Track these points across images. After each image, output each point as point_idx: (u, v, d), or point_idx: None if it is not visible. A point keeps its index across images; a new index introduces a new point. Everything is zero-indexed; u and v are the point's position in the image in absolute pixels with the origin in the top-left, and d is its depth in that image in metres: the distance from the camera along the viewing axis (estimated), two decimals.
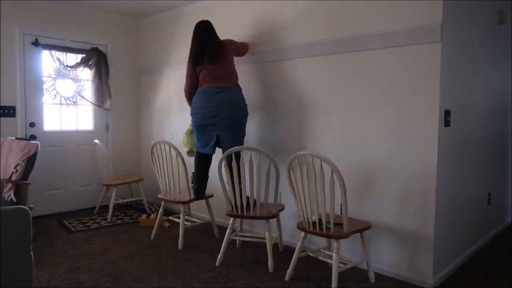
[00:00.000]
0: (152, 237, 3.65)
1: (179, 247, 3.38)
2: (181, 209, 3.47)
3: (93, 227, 4.02)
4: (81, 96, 4.69)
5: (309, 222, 2.61)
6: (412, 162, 2.69)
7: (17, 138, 3.77)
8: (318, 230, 2.54)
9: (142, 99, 5.19)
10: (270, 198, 3.17)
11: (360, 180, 2.96)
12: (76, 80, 4.62)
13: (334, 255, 2.48)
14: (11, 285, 1.79)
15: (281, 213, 3.21)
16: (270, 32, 3.54)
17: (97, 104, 4.73)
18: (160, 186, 3.60)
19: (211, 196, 3.66)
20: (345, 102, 3.03)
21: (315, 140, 3.24)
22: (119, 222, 4.21)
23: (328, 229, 2.53)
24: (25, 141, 3.60)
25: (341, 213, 2.86)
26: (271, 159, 2.84)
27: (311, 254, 2.92)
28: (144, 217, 4.13)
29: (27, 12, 4.25)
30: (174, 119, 4.65)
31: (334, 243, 2.49)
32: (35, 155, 3.52)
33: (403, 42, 2.68)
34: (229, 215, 3.01)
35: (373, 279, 2.73)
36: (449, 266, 2.88)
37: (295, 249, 2.74)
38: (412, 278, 2.72)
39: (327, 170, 2.44)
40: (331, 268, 2.55)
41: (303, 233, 2.69)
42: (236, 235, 3.36)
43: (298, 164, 2.52)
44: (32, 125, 4.32)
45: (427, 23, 2.58)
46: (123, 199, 4.73)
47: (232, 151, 2.88)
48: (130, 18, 5.12)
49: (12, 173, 3.44)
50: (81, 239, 3.62)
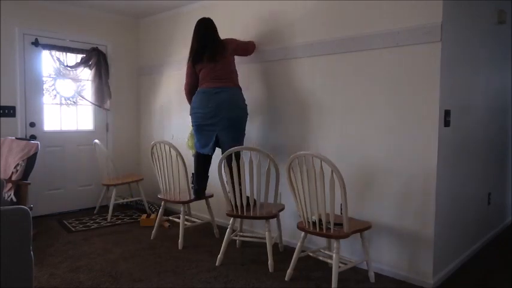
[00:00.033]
0: (152, 237, 3.65)
1: (179, 247, 3.38)
2: (181, 209, 3.47)
3: (93, 227, 4.02)
4: (81, 96, 4.69)
5: (309, 222, 2.61)
6: (412, 162, 2.69)
7: (17, 138, 3.78)
8: (318, 230, 2.54)
9: (142, 99, 5.20)
10: (270, 198, 3.17)
11: (360, 180, 2.96)
12: (76, 80, 4.62)
13: (334, 255, 2.48)
14: (11, 285, 1.79)
15: (281, 213, 3.21)
16: (270, 32, 3.54)
17: (97, 104, 4.74)
18: (160, 186, 3.60)
19: (211, 196, 3.66)
20: (345, 102, 3.04)
21: (315, 140, 3.24)
22: (119, 222, 4.22)
23: (328, 229, 2.53)
24: (25, 141, 3.60)
25: (341, 213, 2.86)
26: (271, 159, 2.84)
27: (311, 254, 2.92)
28: (144, 217, 4.13)
29: (27, 12, 4.25)
30: (174, 119, 4.65)
31: (334, 243, 2.49)
32: (35, 155, 3.52)
33: (403, 42, 2.68)
34: (229, 215, 3.01)
35: (373, 279, 2.73)
36: (449, 266, 2.88)
37: (295, 249, 2.74)
38: (412, 278, 2.72)
39: (327, 170, 2.44)
40: (331, 268, 2.55)
41: (303, 233, 2.69)
42: (236, 235, 3.36)
43: (298, 164, 2.52)
44: (32, 125, 4.32)
45: (427, 23, 2.58)
46: (123, 199, 4.73)
47: (232, 151, 2.88)
48: (130, 18, 5.12)
49: (12, 173, 3.44)
50: (81, 239, 3.62)
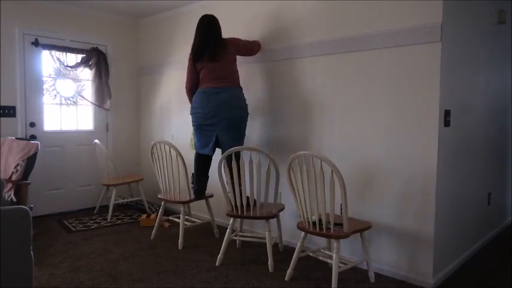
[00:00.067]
0: (152, 237, 3.65)
1: (179, 247, 3.38)
2: (181, 209, 3.47)
3: (93, 227, 4.02)
4: (81, 96, 4.69)
5: (309, 222, 2.61)
6: (412, 162, 2.69)
7: (17, 138, 3.78)
8: (318, 230, 2.54)
9: (142, 99, 5.20)
10: (270, 198, 3.17)
11: (360, 180, 2.96)
12: (76, 80, 4.62)
13: (334, 255, 2.48)
14: (11, 285, 1.79)
15: (281, 213, 3.21)
16: (270, 32, 3.54)
17: (97, 104, 4.74)
18: (160, 186, 3.60)
19: (211, 196, 3.66)
20: (344, 102, 3.04)
21: (315, 140, 3.23)
22: (119, 222, 4.21)
23: (328, 229, 2.53)
24: (25, 141, 3.60)
25: (341, 213, 2.86)
26: (271, 159, 2.84)
27: (311, 254, 2.92)
28: (144, 217, 4.13)
29: (27, 12, 4.25)
30: (174, 119, 4.65)
31: (334, 243, 2.49)
32: (35, 155, 3.52)
33: (403, 42, 2.68)
34: (229, 215, 3.01)
35: (373, 279, 2.73)
36: (449, 266, 2.88)
37: (295, 249, 2.74)
38: (412, 278, 2.72)
39: (327, 170, 2.44)
40: (331, 268, 2.55)
41: (303, 233, 2.69)
42: (236, 235, 3.36)
43: (298, 164, 2.52)
44: (32, 125, 4.32)
45: (427, 23, 2.58)
46: (123, 199, 4.73)
47: (232, 151, 2.88)
48: (130, 18, 5.12)
49: (12, 173, 3.44)
50: (81, 239, 3.62)
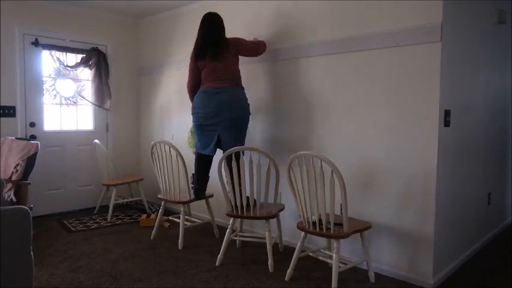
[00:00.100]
0: (152, 237, 3.65)
1: (179, 247, 3.38)
2: (181, 209, 3.47)
3: (93, 227, 4.02)
4: (81, 96, 4.69)
5: (309, 222, 2.61)
6: (412, 162, 2.69)
7: (17, 138, 3.77)
8: (318, 230, 2.54)
9: (142, 99, 5.19)
10: (270, 198, 3.17)
11: (360, 180, 2.95)
12: (76, 80, 4.62)
13: (334, 255, 2.48)
14: (11, 285, 1.79)
15: (281, 213, 3.21)
16: (271, 33, 3.54)
17: (97, 104, 4.74)
18: (160, 186, 3.60)
19: (211, 196, 3.66)
20: (345, 102, 3.03)
21: (316, 140, 3.24)
22: (119, 222, 4.21)
23: (328, 229, 2.53)
24: (25, 141, 3.60)
25: (341, 213, 2.86)
26: (271, 159, 2.84)
27: (311, 254, 2.92)
28: (144, 217, 4.13)
29: (27, 12, 4.25)
30: (174, 119, 4.65)
31: (334, 243, 2.49)
32: (35, 155, 3.52)
33: (403, 42, 2.68)
34: (229, 215, 3.01)
35: (373, 279, 2.73)
36: (449, 266, 2.88)
37: (295, 249, 2.74)
38: (412, 278, 2.72)
39: (327, 170, 2.44)
40: (331, 268, 2.55)
41: (303, 233, 2.69)
42: (236, 235, 3.36)
43: (298, 164, 2.52)
44: (32, 125, 4.32)
45: (427, 23, 2.58)
46: (123, 199, 4.73)
47: (232, 151, 2.87)
48: (130, 18, 5.12)
49: (12, 173, 3.44)
50: (81, 239, 3.62)
